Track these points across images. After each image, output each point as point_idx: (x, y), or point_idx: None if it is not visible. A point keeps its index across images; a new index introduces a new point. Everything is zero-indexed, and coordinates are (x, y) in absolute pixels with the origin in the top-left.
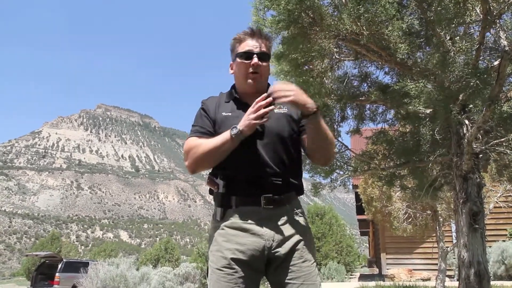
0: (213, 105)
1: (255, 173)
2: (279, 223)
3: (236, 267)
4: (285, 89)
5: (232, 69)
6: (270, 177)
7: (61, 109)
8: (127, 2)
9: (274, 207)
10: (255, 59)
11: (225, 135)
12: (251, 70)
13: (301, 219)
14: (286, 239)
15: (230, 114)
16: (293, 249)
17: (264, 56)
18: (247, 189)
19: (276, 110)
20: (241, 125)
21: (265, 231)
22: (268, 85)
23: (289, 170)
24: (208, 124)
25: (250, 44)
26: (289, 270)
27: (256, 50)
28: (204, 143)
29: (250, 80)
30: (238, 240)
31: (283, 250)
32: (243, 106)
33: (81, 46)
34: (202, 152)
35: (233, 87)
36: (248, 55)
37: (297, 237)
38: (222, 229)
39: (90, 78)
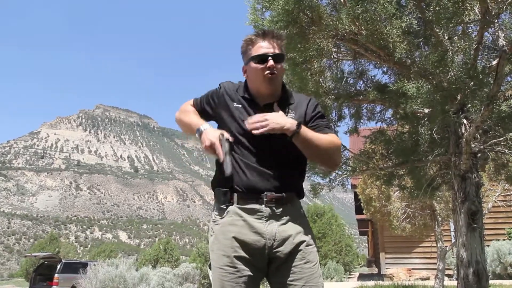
0: (228, 92)
1: (259, 171)
2: (281, 222)
3: (238, 265)
4: (260, 121)
5: (245, 73)
6: (274, 175)
7: (59, 110)
8: (126, 1)
9: (276, 205)
10: (271, 62)
11: (196, 124)
12: (267, 72)
13: (303, 220)
14: (287, 238)
15: (240, 106)
16: (295, 250)
17: (279, 58)
18: (249, 186)
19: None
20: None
21: (267, 230)
22: (283, 84)
23: (292, 171)
24: (205, 103)
25: (264, 46)
26: (291, 271)
27: (271, 52)
28: (187, 113)
29: (266, 83)
30: (239, 238)
31: (284, 250)
32: (252, 104)
33: (80, 46)
34: (179, 117)
35: (246, 85)
36: (262, 58)
37: (299, 238)
38: (224, 226)
39: (89, 78)
